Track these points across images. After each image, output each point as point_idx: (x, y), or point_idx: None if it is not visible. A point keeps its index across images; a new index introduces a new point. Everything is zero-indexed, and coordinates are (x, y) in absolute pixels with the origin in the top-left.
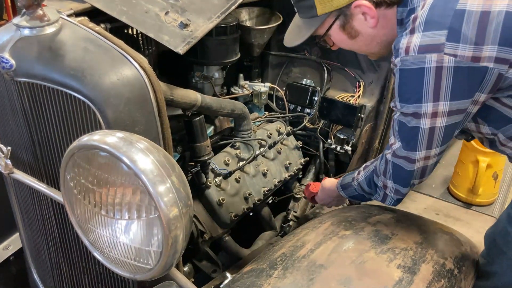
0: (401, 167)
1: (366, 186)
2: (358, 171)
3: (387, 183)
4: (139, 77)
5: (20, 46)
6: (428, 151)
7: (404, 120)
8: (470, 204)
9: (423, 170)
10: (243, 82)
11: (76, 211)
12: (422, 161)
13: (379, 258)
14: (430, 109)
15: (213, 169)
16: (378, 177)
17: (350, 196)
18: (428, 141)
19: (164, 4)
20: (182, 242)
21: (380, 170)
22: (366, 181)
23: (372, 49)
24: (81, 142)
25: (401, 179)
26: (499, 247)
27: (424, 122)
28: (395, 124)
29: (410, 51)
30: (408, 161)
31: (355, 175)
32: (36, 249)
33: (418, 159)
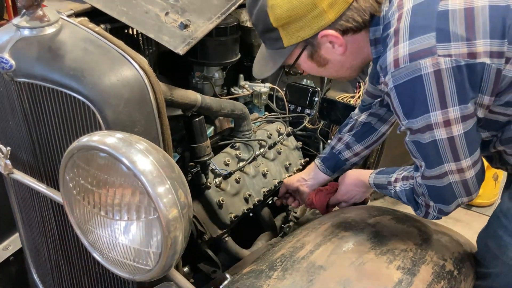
0: (435, 187)
1: (405, 199)
2: (395, 178)
3: (429, 203)
4: (138, 77)
5: (20, 46)
6: (459, 163)
7: (417, 138)
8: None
9: (464, 185)
10: (243, 83)
11: (75, 212)
12: (457, 175)
13: (378, 260)
14: (440, 118)
15: (213, 170)
16: (418, 197)
17: (383, 193)
18: (453, 152)
19: (164, 5)
20: (181, 243)
21: (418, 192)
22: (405, 194)
23: (343, 74)
24: (81, 142)
25: (442, 199)
26: (492, 252)
27: (439, 133)
28: (411, 147)
29: (400, 63)
30: (439, 178)
31: (392, 180)
32: (36, 249)
33: (449, 172)
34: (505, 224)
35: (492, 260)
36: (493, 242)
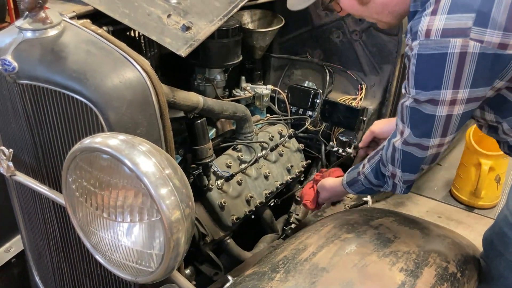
0: (412, 154)
1: (373, 178)
2: (363, 164)
3: (396, 172)
4: (141, 79)
5: (22, 48)
6: (443, 139)
7: (418, 107)
8: (473, 207)
9: (434, 156)
10: (245, 85)
11: (78, 214)
12: (436, 148)
13: (381, 262)
14: (448, 97)
15: (215, 172)
16: (385, 167)
17: (358, 192)
18: (444, 129)
19: (166, 7)
20: (184, 245)
21: (387, 159)
22: (373, 172)
23: (384, 18)
24: (83, 144)
25: (411, 167)
26: (496, 249)
27: (441, 110)
28: (405, 110)
29: (431, 35)
30: (421, 148)
31: (360, 169)
32: (38, 251)
33: (431, 146)
34: (510, 219)
35: (496, 257)
36: (498, 239)
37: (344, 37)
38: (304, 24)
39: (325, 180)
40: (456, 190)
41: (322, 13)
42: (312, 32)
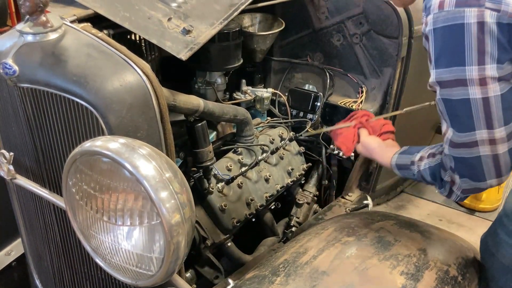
0: (463, 158)
1: (428, 177)
2: (420, 156)
3: (455, 179)
4: (141, 83)
5: (23, 52)
6: (491, 132)
7: (447, 93)
8: (474, 210)
9: (495, 161)
10: (246, 88)
11: (78, 217)
12: (488, 147)
13: (382, 265)
14: (476, 74)
15: (215, 175)
16: (445, 172)
17: (406, 177)
18: (487, 117)
19: (167, 10)
20: (184, 249)
21: (446, 165)
22: (430, 172)
23: None
24: (84, 148)
25: (469, 172)
26: (489, 250)
27: (473, 91)
28: (440, 105)
29: (445, 6)
30: (468, 147)
31: (416, 160)
32: (38, 254)
33: (480, 142)
34: (505, 223)
35: (489, 258)
36: (491, 240)
37: (344, 40)
38: (305, 28)
39: (372, 140)
40: None
41: (323, 17)
42: (312, 35)
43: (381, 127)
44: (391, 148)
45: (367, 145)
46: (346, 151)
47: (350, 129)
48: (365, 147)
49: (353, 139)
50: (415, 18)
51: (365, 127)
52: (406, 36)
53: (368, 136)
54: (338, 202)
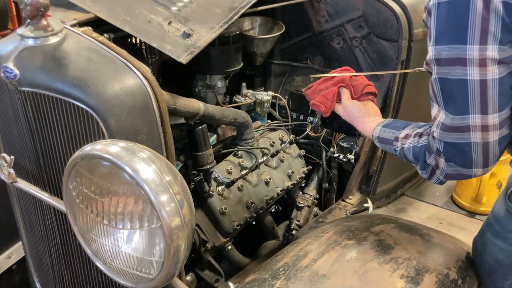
0: (454, 143)
1: (410, 156)
2: (406, 134)
3: (440, 163)
4: (142, 86)
5: (24, 56)
6: (485, 117)
7: (445, 72)
8: (474, 213)
9: (484, 149)
10: (246, 91)
11: (78, 220)
12: (479, 133)
13: (382, 268)
14: (476, 54)
15: (215, 178)
16: (430, 155)
17: (384, 149)
18: (482, 100)
19: (167, 14)
20: (184, 252)
21: (432, 148)
22: (413, 152)
23: None
24: (84, 151)
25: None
26: (478, 250)
27: (471, 72)
28: (435, 85)
29: None
30: (460, 132)
31: (400, 136)
32: (39, 258)
33: (472, 128)
34: (492, 223)
35: (478, 257)
36: (479, 240)
37: (344, 43)
38: (305, 31)
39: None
40: (457, 195)
41: (323, 20)
42: (312, 38)
43: (363, 88)
44: (374, 118)
45: (349, 111)
46: (324, 111)
47: (330, 87)
48: (347, 111)
49: (333, 99)
50: (415, 21)
51: (347, 86)
52: (406, 39)
53: (350, 100)
54: (338, 205)
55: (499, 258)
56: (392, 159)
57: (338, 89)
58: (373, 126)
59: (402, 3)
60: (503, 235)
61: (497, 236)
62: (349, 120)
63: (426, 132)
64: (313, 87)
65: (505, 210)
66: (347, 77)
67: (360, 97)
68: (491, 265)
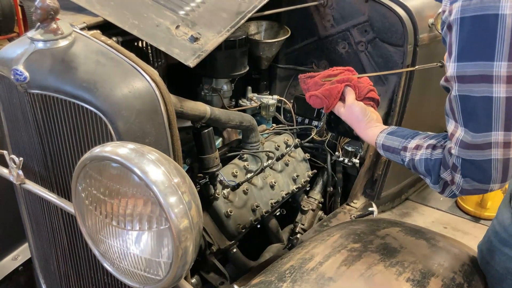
0: (473, 161)
1: (422, 169)
2: (417, 144)
3: (456, 179)
4: (150, 89)
5: (34, 58)
6: (507, 135)
7: (468, 90)
8: (479, 217)
9: (504, 165)
10: (251, 95)
11: (87, 222)
12: (501, 150)
13: (388, 271)
14: (504, 70)
15: (221, 181)
16: (446, 170)
17: (387, 157)
18: (506, 117)
19: (174, 18)
20: (192, 254)
21: (448, 163)
22: (425, 164)
23: None
24: (93, 153)
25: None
26: (485, 258)
27: (498, 89)
28: (455, 102)
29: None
30: (481, 149)
31: (410, 147)
32: (45, 259)
33: (494, 145)
34: (498, 230)
35: (485, 265)
36: (485, 248)
37: (349, 48)
38: (310, 35)
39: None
40: (462, 200)
41: (328, 25)
42: (318, 43)
43: (367, 92)
44: (377, 124)
45: (354, 113)
46: (326, 106)
47: (336, 84)
48: (350, 112)
49: (337, 96)
50: (420, 26)
51: (353, 86)
52: (411, 44)
53: (355, 102)
54: (343, 209)
55: (508, 266)
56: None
57: (344, 87)
58: (376, 133)
59: (407, 8)
60: (511, 243)
61: (505, 244)
62: (350, 123)
63: (440, 144)
64: (316, 78)
65: (509, 217)
66: (354, 77)
67: (363, 100)
68: (500, 273)
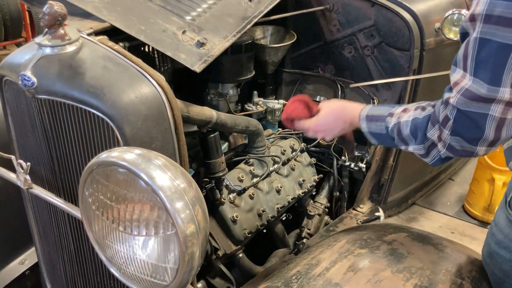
0: (470, 112)
1: (407, 130)
2: (404, 109)
3: (443, 135)
4: (156, 94)
5: (41, 64)
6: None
7: (491, 32)
8: (486, 223)
9: (498, 125)
10: (257, 99)
11: (94, 227)
12: (501, 108)
13: (395, 277)
14: None
15: (227, 186)
16: (433, 126)
17: (371, 133)
18: None
19: (181, 23)
20: (198, 259)
21: (436, 117)
22: (412, 124)
23: None
24: (100, 158)
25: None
26: (485, 261)
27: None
28: (472, 46)
29: None
30: (483, 102)
31: (396, 112)
32: (52, 263)
33: (497, 101)
34: (495, 232)
35: (487, 268)
36: (485, 251)
37: (356, 52)
38: (316, 40)
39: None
40: (469, 205)
41: (334, 29)
42: (324, 47)
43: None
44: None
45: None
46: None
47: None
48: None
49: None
50: (426, 30)
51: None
52: (417, 48)
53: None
54: (349, 213)
55: (505, 269)
56: (404, 168)
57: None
58: (360, 109)
59: (413, 12)
60: (506, 245)
61: (501, 246)
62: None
63: (430, 106)
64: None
65: (505, 218)
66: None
67: None
68: (499, 276)
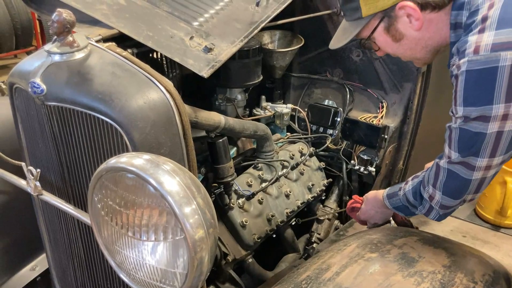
0: (457, 174)
1: (411, 197)
2: (407, 181)
3: (435, 195)
4: (165, 100)
5: (51, 71)
6: (491, 160)
7: (467, 126)
8: (499, 226)
9: (480, 182)
10: (265, 104)
11: (103, 233)
12: (482, 171)
13: (406, 282)
14: (501, 111)
15: (236, 190)
16: (425, 188)
17: (394, 207)
18: (493, 147)
19: (188, 29)
20: (207, 264)
21: (429, 179)
22: (412, 191)
23: (417, 53)
24: (109, 164)
25: (453, 190)
26: None
27: (492, 126)
28: (454, 133)
29: (480, 51)
30: (467, 168)
31: (403, 185)
32: (62, 269)
33: (478, 167)
34: None
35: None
36: None
37: (364, 55)
38: (324, 44)
39: (369, 192)
40: (481, 208)
41: None
42: (331, 51)
43: None
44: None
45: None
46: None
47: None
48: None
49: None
50: None
51: None
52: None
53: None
54: None
55: None
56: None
57: None
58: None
59: None
60: None
61: None
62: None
63: (422, 173)
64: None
65: None
66: None
67: None
68: None
